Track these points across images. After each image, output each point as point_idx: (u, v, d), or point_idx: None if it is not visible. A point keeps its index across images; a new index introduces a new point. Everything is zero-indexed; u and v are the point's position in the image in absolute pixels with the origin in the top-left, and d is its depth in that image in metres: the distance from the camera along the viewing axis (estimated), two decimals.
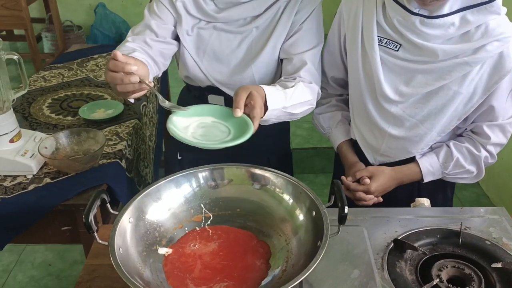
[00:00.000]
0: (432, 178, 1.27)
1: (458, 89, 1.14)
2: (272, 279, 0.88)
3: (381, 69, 1.18)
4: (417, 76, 1.16)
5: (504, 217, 1.12)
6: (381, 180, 1.25)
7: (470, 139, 1.24)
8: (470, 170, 1.25)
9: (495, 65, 1.11)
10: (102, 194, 0.88)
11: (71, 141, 1.51)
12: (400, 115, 1.20)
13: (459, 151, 1.23)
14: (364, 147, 1.33)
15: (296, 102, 1.17)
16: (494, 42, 1.07)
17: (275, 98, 1.12)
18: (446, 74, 1.13)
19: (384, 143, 1.27)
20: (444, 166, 1.24)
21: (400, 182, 1.28)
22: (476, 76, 1.12)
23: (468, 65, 1.10)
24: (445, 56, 1.11)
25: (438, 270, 0.94)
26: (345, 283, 0.94)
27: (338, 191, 0.90)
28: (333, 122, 1.42)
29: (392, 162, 1.29)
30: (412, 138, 1.23)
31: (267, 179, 1.01)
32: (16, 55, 1.37)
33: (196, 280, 0.88)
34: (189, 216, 1.01)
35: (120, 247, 0.85)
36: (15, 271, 2.27)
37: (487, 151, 1.23)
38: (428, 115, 1.19)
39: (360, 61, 1.23)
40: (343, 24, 1.27)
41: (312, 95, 1.23)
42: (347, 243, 1.04)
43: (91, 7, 4.46)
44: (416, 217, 1.12)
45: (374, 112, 1.24)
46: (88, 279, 1.07)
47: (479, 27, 1.08)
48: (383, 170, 1.27)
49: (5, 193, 1.36)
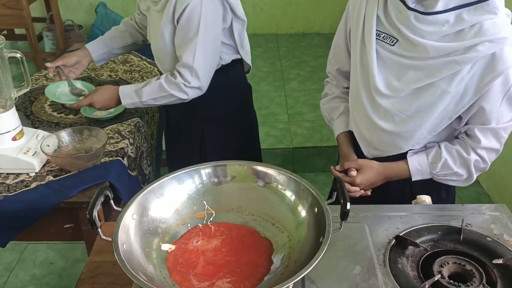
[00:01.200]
0: (420, 177, 1.25)
1: (446, 88, 1.12)
2: (275, 275, 0.88)
3: (375, 62, 1.19)
4: (409, 72, 1.16)
5: (505, 214, 1.12)
6: (368, 173, 1.26)
7: (462, 142, 1.22)
8: (459, 173, 1.23)
9: (487, 66, 1.09)
10: (105, 190, 0.88)
11: (73, 139, 1.51)
12: (390, 110, 1.21)
13: (448, 152, 1.22)
14: (359, 139, 1.34)
15: (150, 97, 1.56)
16: (486, 42, 1.06)
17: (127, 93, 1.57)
18: (436, 72, 1.12)
19: (376, 137, 1.27)
20: (432, 166, 1.23)
21: (387, 178, 1.28)
22: (467, 76, 1.10)
23: (457, 64, 1.09)
24: (435, 53, 1.10)
25: (440, 266, 0.94)
26: (347, 279, 0.95)
27: (340, 188, 0.90)
28: (335, 113, 1.43)
29: (385, 157, 1.29)
30: (402, 134, 1.22)
31: (269, 176, 1.02)
32: (19, 53, 1.38)
33: (199, 276, 0.89)
34: (191, 213, 1.01)
35: (124, 243, 0.85)
36: (16, 270, 2.27)
37: (478, 155, 1.20)
38: (417, 112, 1.18)
39: (359, 53, 1.24)
40: (349, 18, 1.29)
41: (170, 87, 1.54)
42: (349, 239, 1.04)
43: (92, 7, 4.46)
44: (417, 214, 1.12)
45: (367, 104, 1.25)
46: (91, 276, 1.08)
47: (473, 26, 1.07)
48: (372, 165, 1.28)
49: (8, 191, 1.36)
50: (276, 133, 3.16)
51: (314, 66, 4.13)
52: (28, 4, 3.37)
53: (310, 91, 3.72)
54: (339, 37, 1.37)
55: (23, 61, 1.41)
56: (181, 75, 1.53)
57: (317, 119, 3.28)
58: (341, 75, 1.43)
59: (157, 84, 1.55)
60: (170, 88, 1.54)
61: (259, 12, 4.67)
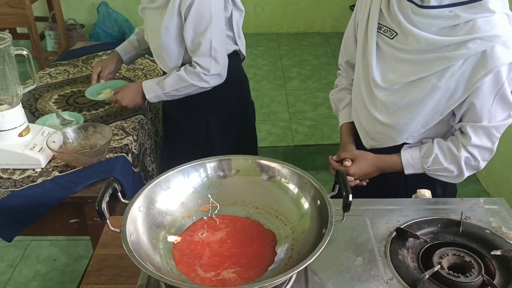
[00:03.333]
0: (412, 170, 1.27)
1: (436, 83, 1.14)
2: (278, 265, 0.90)
3: (375, 54, 1.22)
4: (404, 65, 1.18)
5: (503, 207, 1.14)
6: (362, 164, 1.30)
7: (455, 138, 1.24)
8: (449, 169, 1.24)
9: (478, 63, 1.09)
10: (114, 183, 0.90)
11: (78, 135, 1.54)
12: (384, 102, 1.23)
13: (440, 148, 1.23)
14: (359, 129, 1.37)
15: (172, 88, 1.61)
16: (477, 39, 1.07)
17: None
18: (428, 67, 1.14)
19: (372, 127, 1.30)
20: (423, 160, 1.25)
21: (381, 169, 1.31)
22: (457, 72, 1.11)
23: (448, 60, 1.10)
24: (427, 46, 1.12)
25: (439, 258, 0.96)
26: (348, 270, 0.97)
27: (343, 180, 0.92)
28: (342, 104, 1.48)
29: (382, 149, 1.31)
30: (395, 126, 1.25)
31: (273, 170, 1.04)
32: (26, 50, 1.40)
33: (204, 266, 0.91)
34: (197, 206, 1.03)
35: (132, 234, 0.87)
36: (20, 266, 2.29)
37: (469, 152, 1.20)
38: (408, 105, 1.20)
39: (361, 46, 1.28)
40: (357, 11, 1.33)
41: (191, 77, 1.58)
42: (351, 232, 1.06)
43: (93, 6, 4.48)
44: (417, 208, 1.14)
45: (365, 96, 1.28)
46: (98, 268, 1.10)
47: (467, 23, 1.08)
48: (366, 156, 1.31)
49: (15, 186, 1.38)
50: (277, 131, 3.18)
51: (314, 65, 4.15)
52: (31, 3, 3.38)
53: (311, 89, 3.74)
54: (349, 29, 1.40)
55: (30, 58, 1.43)
56: (200, 66, 1.58)
57: (318, 118, 3.31)
58: (350, 67, 1.46)
59: (177, 75, 1.61)
60: (191, 78, 1.60)
61: (260, 11, 4.69)
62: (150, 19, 1.65)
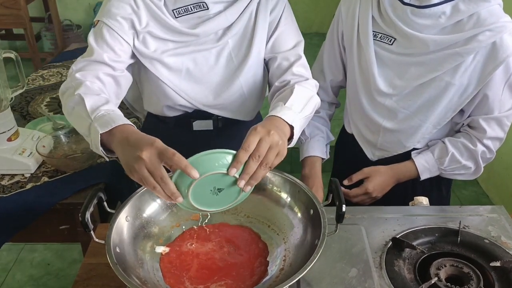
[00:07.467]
0: (429, 175, 1.26)
1: (450, 80, 1.13)
2: (270, 278, 0.87)
3: (375, 63, 1.19)
4: (410, 68, 1.16)
5: (503, 216, 1.12)
6: (378, 178, 1.26)
7: (466, 134, 1.24)
8: (467, 166, 1.24)
9: (488, 55, 1.10)
10: (99, 192, 0.87)
11: (69, 139, 1.50)
12: (393, 108, 1.21)
13: (454, 146, 1.23)
14: (362, 142, 1.33)
15: (303, 105, 1.03)
16: (486, 32, 1.07)
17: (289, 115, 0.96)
18: (438, 66, 1.13)
19: (380, 137, 1.27)
20: (439, 161, 1.24)
21: (397, 179, 1.28)
22: (470, 66, 1.11)
23: (460, 56, 1.10)
24: (436, 46, 1.11)
25: (437, 269, 0.94)
26: (343, 282, 0.94)
27: (336, 190, 0.89)
28: (314, 134, 1.37)
29: (389, 157, 1.29)
30: (407, 131, 1.23)
31: (265, 178, 1.01)
32: (14, 53, 1.37)
33: (193, 279, 0.88)
34: (186, 215, 1.00)
35: (117, 246, 0.84)
36: (13, 270, 2.26)
37: (484, 145, 1.21)
38: (422, 107, 1.19)
39: (356, 56, 1.24)
40: (341, 22, 1.28)
41: (312, 89, 1.12)
42: (345, 241, 1.04)
43: (90, 6, 4.46)
44: (414, 216, 1.12)
45: (368, 106, 1.25)
46: (86, 278, 1.07)
47: (471, 17, 1.08)
48: (379, 169, 1.28)
49: (3, 192, 1.35)
50: None
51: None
52: (26, 4, 3.36)
53: None
54: (331, 44, 1.33)
55: (18, 61, 1.40)
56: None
57: None
58: (332, 89, 1.39)
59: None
60: None
61: None
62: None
